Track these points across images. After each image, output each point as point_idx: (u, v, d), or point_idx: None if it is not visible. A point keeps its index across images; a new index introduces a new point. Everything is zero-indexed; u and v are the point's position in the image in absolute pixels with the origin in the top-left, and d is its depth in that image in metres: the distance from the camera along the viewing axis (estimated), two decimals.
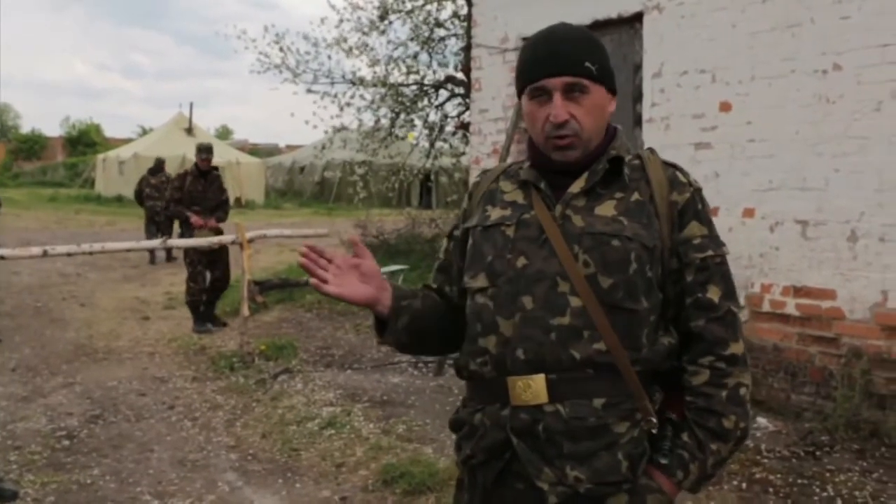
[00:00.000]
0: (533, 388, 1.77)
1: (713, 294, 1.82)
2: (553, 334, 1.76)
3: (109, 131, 66.00)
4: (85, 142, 53.89)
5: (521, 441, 1.79)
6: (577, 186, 1.85)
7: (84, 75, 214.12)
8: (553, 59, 1.83)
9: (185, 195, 9.09)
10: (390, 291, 1.90)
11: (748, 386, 1.83)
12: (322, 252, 1.84)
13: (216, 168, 9.52)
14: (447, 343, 2.05)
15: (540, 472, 1.77)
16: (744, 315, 5.76)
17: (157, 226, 14.67)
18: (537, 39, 1.89)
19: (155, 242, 8.53)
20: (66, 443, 5.50)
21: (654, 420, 1.81)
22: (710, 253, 1.84)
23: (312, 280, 1.80)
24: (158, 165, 15.69)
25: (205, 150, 9.29)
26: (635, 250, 1.77)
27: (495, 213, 1.92)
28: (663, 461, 1.80)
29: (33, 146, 53.44)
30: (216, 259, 9.01)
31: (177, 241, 9.61)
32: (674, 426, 1.85)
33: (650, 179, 1.86)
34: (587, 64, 1.82)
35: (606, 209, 1.82)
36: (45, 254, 6.89)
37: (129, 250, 8.77)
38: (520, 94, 1.91)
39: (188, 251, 9.10)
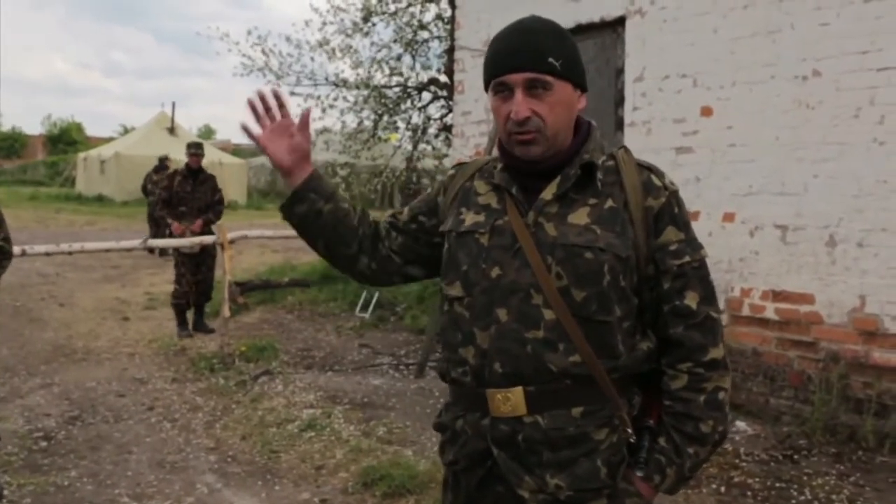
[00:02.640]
0: (512, 400, 1.77)
1: (691, 300, 1.81)
2: (529, 347, 1.75)
3: (90, 130, 65.65)
4: (66, 140, 53.59)
5: (501, 451, 1.79)
6: (549, 192, 1.81)
7: (64, 73, 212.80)
8: (515, 53, 1.78)
9: (174, 196, 9.00)
10: (308, 174, 1.98)
11: (727, 389, 1.83)
12: (269, 106, 1.96)
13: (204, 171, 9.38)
14: (329, 255, 2.09)
15: (521, 480, 1.78)
16: (723, 319, 5.79)
17: (155, 221, 15.04)
18: (503, 33, 1.84)
19: (134, 242, 8.46)
20: (44, 444, 5.45)
21: (631, 431, 1.81)
22: (686, 259, 1.81)
23: (246, 124, 1.93)
24: (162, 163, 16.32)
25: (194, 146, 9.19)
26: (608, 262, 1.75)
27: (469, 218, 1.89)
28: (640, 473, 1.81)
29: (13, 144, 53.06)
30: (200, 262, 8.91)
31: (157, 242, 9.57)
32: (651, 433, 1.84)
33: (624, 184, 1.81)
34: (551, 59, 1.76)
35: (579, 217, 1.79)
36: (23, 253, 6.83)
37: (108, 250, 8.71)
38: (487, 87, 1.86)
39: (174, 252, 9.02)
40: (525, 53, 1.77)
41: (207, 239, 8.30)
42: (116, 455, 5.28)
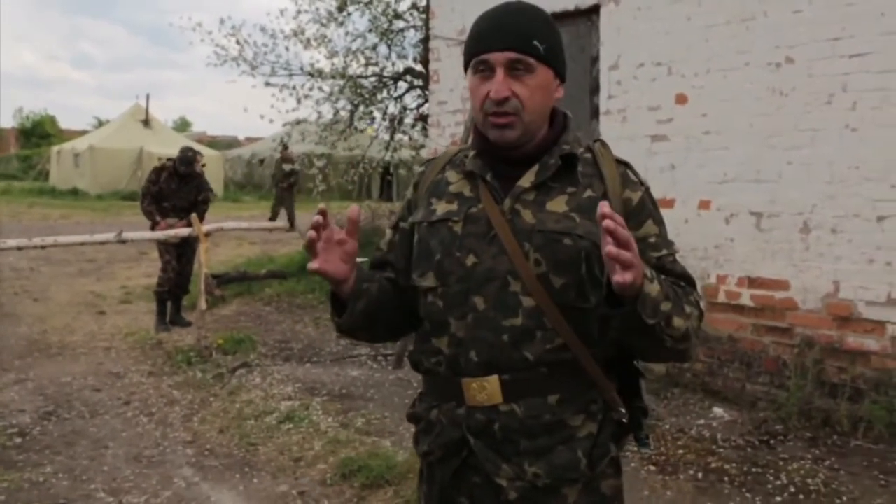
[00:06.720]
0: (488, 389, 1.75)
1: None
2: (505, 336, 1.74)
3: (63, 123, 64.91)
4: (39, 133, 52.88)
5: (477, 440, 1.78)
6: (527, 180, 1.79)
7: (32, 65, 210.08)
8: (499, 32, 1.76)
9: (159, 190, 8.92)
10: (356, 273, 1.82)
11: (700, 313, 1.78)
12: (326, 225, 1.72)
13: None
14: (393, 332, 2.04)
15: (498, 468, 1.76)
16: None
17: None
18: (488, 13, 1.82)
19: (109, 236, 8.38)
20: (18, 440, 5.39)
21: (623, 410, 1.81)
22: (664, 252, 1.81)
23: (311, 264, 1.72)
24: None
25: (186, 158, 8.93)
26: (586, 249, 1.73)
27: (441, 207, 1.86)
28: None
29: None
30: (181, 253, 8.87)
31: (133, 234, 9.47)
32: (644, 413, 1.85)
33: (604, 175, 1.81)
34: (535, 42, 1.75)
35: (557, 205, 1.77)
36: None
37: (82, 244, 8.60)
38: (466, 68, 1.83)
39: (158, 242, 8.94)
40: (510, 33, 1.75)
41: (184, 231, 8.23)
42: (92, 450, 5.24)
